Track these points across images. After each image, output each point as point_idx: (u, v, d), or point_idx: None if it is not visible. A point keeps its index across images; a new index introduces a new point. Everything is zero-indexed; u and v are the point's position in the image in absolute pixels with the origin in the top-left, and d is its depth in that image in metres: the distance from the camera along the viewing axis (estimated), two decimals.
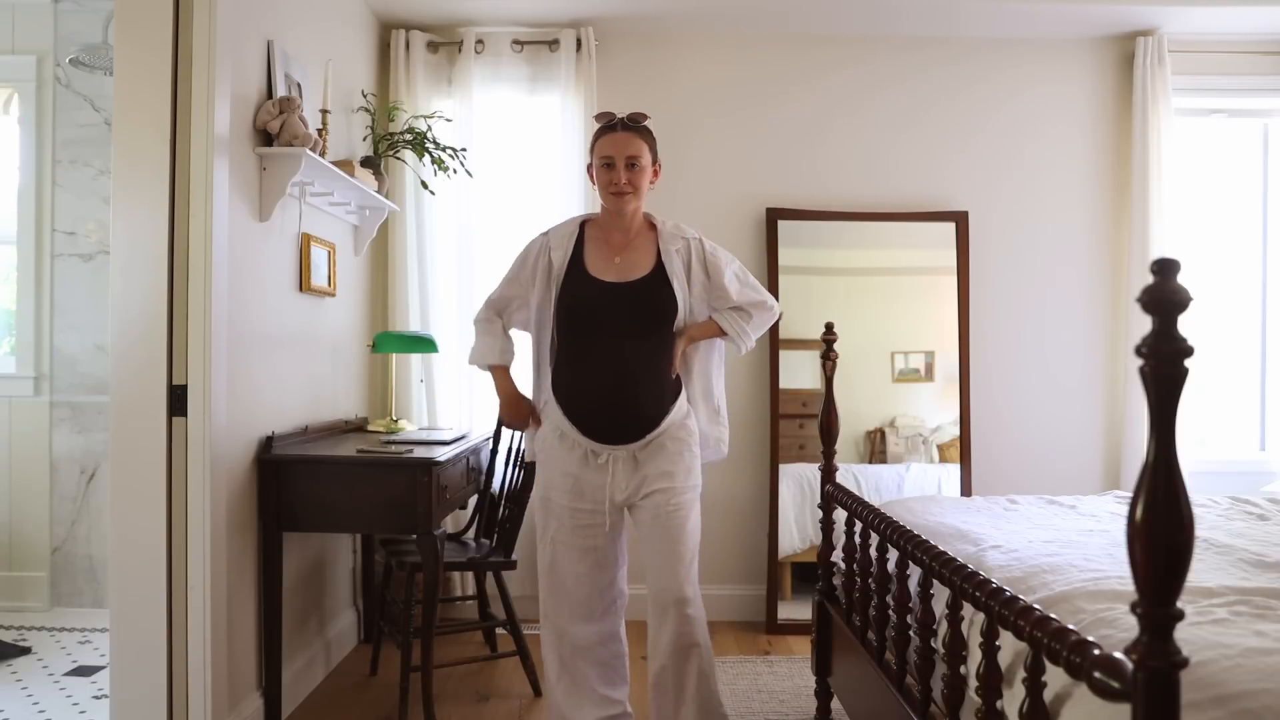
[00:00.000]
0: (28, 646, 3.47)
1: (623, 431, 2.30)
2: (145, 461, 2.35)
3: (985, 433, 3.95)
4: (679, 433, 2.35)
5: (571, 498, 2.33)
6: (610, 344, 2.30)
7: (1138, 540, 0.95)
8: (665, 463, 2.32)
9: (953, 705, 1.70)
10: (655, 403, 2.32)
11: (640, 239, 2.39)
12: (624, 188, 2.30)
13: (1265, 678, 1.24)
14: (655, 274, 2.34)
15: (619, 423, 2.30)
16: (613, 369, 2.29)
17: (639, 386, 2.30)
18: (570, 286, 2.34)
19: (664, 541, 2.30)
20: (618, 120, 2.34)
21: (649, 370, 2.31)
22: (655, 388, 2.32)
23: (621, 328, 2.30)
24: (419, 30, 3.86)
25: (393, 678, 3.16)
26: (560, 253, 2.37)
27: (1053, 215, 4.02)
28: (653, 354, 2.33)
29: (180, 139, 2.37)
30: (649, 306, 2.32)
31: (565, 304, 2.33)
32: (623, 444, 2.30)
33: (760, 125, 4.00)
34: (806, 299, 3.87)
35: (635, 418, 2.30)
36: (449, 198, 3.81)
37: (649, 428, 2.30)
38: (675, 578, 2.29)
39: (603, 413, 2.30)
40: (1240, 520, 2.41)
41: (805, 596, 3.73)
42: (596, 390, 2.30)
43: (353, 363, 3.66)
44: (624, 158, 2.29)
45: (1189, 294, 0.92)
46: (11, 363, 3.96)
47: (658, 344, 2.34)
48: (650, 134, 2.37)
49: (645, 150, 2.33)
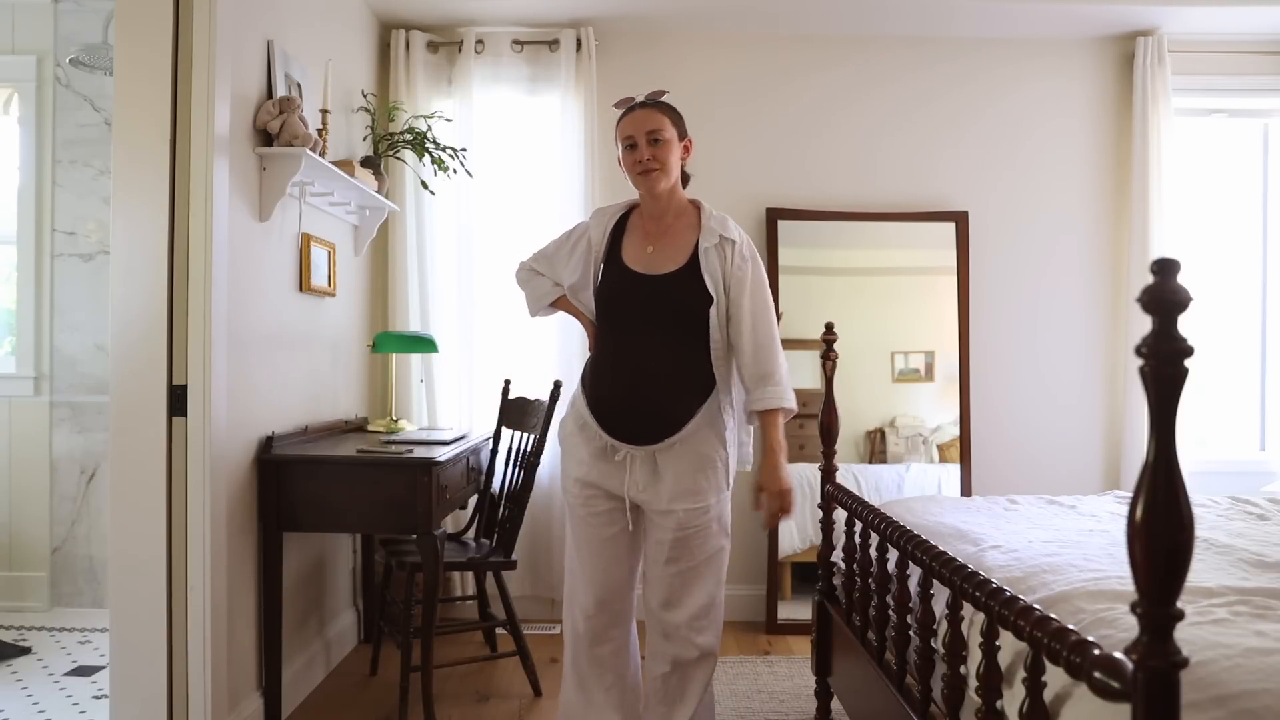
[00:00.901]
0: (28, 646, 3.47)
1: (639, 431, 2.17)
2: (145, 461, 2.35)
3: (985, 433, 3.95)
4: (705, 444, 2.18)
5: (586, 487, 2.23)
6: (634, 338, 2.18)
7: (1138, 540, 0.95)
8: (690, 477, 2.16)
9: (953, 705, 1.70)
10: (675, 404, 2.16)
11: (680, 226, 2.24)
12: (649, 164, 2.16)
13: (1265, 678, 1.24)
14: (688, 268, 2.17)
15: (635, 422, 2.17)
16: (633, 365, 2.18)
17: (658, 386, 2.16)
18: (605, 274, 2.23)
19: (681, 573, 2.19)
20: (636, 102, 2.26)
21: (672, 370, 2.17)
22: (677, 389, 2.17)
23: (646, 322, 2.17)
24: (419, 30, 3.86)
25: (393, 678, 3.16)
26: (599, 234, 2.26)
27: (1053, 215, 4.02)
28: (678, 353, 2.17)
29: (180, 139, 2.37)
30: (674, 303, 2.17)
31: (599, 293, 2.24)
32: (640, 444, 2.17)
33: (760, 125, 4.00)
34: (806, 299, 3.87)
35: (652, 418, 2.16)
36: (449, 198, 3.81)
37: (668, 431, 2.15)
38: (685, 615, 2.20)
39: (619, 409, 2.18)
40: (1240, 520, 2.41)
41: (805, 596, 3.74)
42: (616, 385, 2.20)
43: (353, 363, 3.66)
44: (644, 134, 2.17)
45: (1189, 294, 0.92)
46: (11, 363, 3.96)
47: (684, 342, 2.17)
48: (672, 109, 2.24)
49: (667, 124, 2.19)
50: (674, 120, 2.24)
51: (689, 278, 2.17)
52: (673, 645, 2.24)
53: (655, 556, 2.23)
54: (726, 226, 2.21)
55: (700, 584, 2.21)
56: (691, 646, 2.22)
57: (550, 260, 2.38)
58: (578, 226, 2.37)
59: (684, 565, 2.19)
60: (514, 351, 3.90)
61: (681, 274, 2.17)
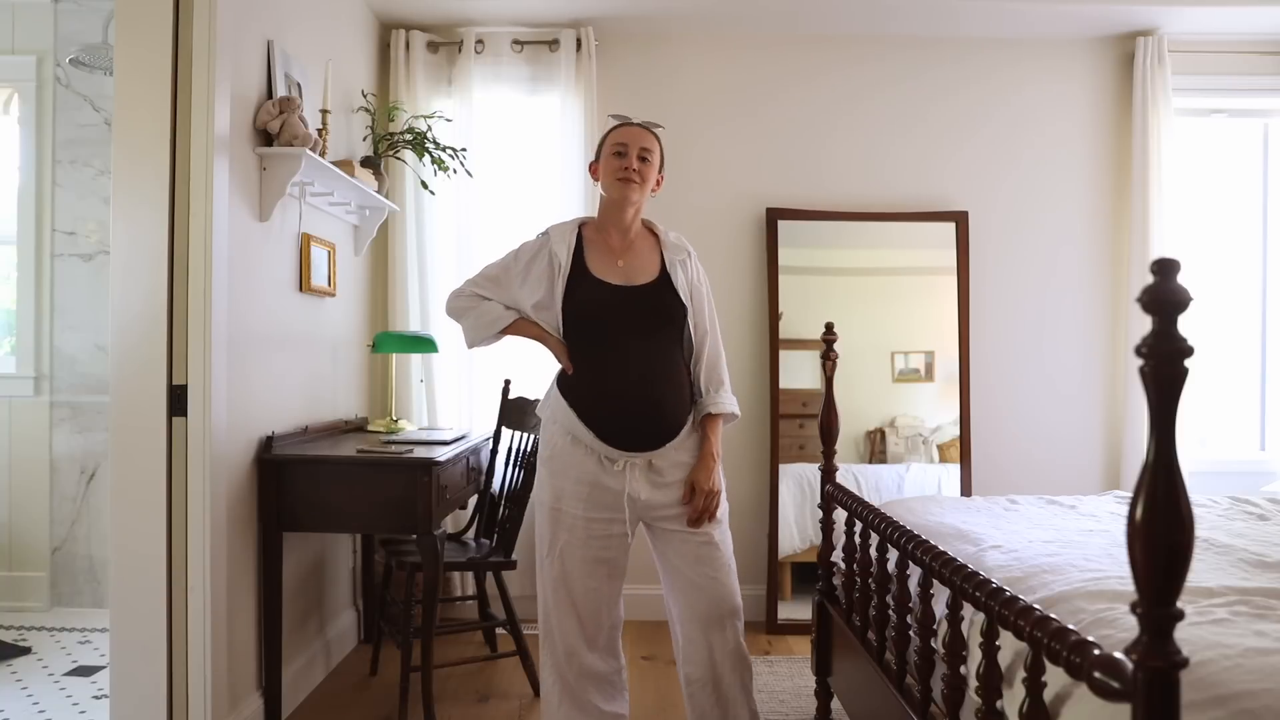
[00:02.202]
0: (28, 646, 3.47)
1: (644, 438, 2.21)
2: (145, 461, 2.35)
3: (985, 433, 3.95)
4: (695, 442, 2.30)
5: (587, 506, 2.23)
6: (624, 349, 2.22)
7: (1138, 540, 0.95)
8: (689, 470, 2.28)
9: (953, 705, 1.70)
10: (676, 407, 2.25)
11: (641, 243, 2.34)
12: (633, 175, 2.25)
13: (1265, 677, 1.24)
14: (661, 280, 2.28)
15: (640, 428, 2.21)
16: (632, 374, 2.21)
17: (661, 391, 2.23)
18: (575, 290, 2.25)
19: (711, 553, 2.26)
20: (637, 121, 2.35)
21: (667, 374, 2.25)
22: (675, 392, 2.26)
23: (635, 332, 2.23)
24: (419, 30, 3.86)
25: (393, 678, 3.16)
26: (564, 250, 2.28)
27: (1053, 215, 4.02)
28: (668, 358, 2.26)
29: (180, 139, 2.37)
30: (660, 311, 2.25)
31: (572, 308, 2.25)
32: (641, 450, 2.21)
33: (760, 125, 4.00)
34: (806, 299, 3.87)
35: (657, 423, 2.22)
36: (449, 198, 3.81)
37: (670, 434, 2.23)
38: (729, 589, 2.27)
39: (623, 418, 2.21)
40: (1240, 520, 2.41)
41: (805, 596, 3.73)
42: (617, 395, 2.21)
43: (353, 363, 3.66)
44: (637, 148, 2.27)
45: (1189, 294, 0.92)
46: (12, 363, 3.96)
47: (671, 349, 2.28)
48: (660, 141, 2.36)
49: (656, 148, 2.31)
50: (661, 152, 2.36)
51: (664, 289, 2.28)
52: (724, 631, 2.28)
53: (679, 552, 2.28)
54: (683, 242, 2.37)
55: (729, 551, 2.32)
56: (738, 614, 2.30)
57: (498, 282, 2.35)
58: (526, 245, 2.35)
59: (716, 545, 2.28)
60: (514, 351, 3.87)
61: (658, 285, 2.28)
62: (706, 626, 2.27)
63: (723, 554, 2.29)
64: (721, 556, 2.28)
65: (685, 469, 2.27)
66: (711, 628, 2.27)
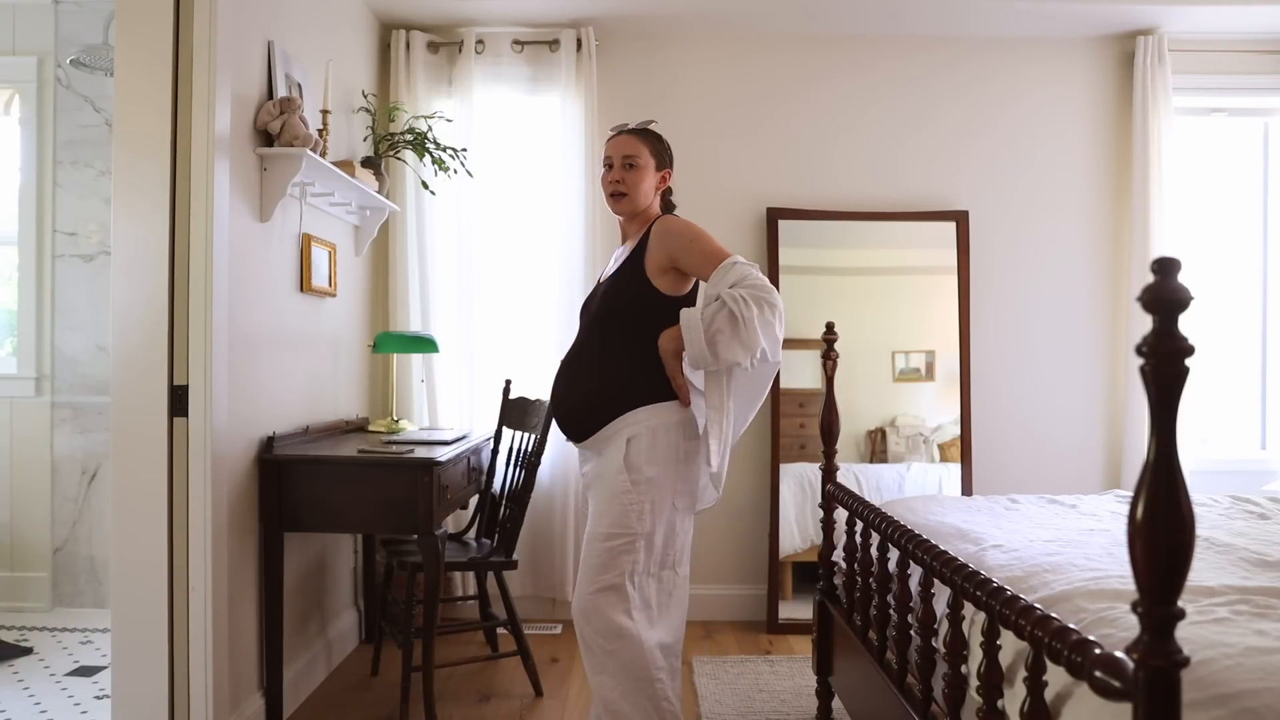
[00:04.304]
0: (29, 647, 3.47)
1: (562, 423, 2.31)
2: (146, 462, 2.35)
3: (986, 432, 3.95)
4: (622, 461, 2.14)
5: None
6: (574, 343, 2.35)
7: (1138, 539, 0.95)
8: (598, 498, 2.22)
9: (954, 704, 1.70)
10: (585, 404, 2.23)
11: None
12: (616, 187, 2.28)
13: (1266, 676, 1.24)
14: (621, 269, 2.27)
15: (557, 413, 2.32)
16: (562, 365, 2.34)
17: (570, 383, 2.28)
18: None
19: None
20: (626, 127, 2.35)
21: (584, 369, 2.26)
22: (587, 388, 2.24)
23: (584, 327, 2.32)
24: (419, 30, 3.86)
25: (394, 678, 3.16)
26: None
27: (1053, 214, 4.02)
28: (594, 352, 2.25)
29: (181, 139, 2.37)
30: (601, 303, 2.28)
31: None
32: (570, 440, 2.32)
33: (760, 124, 4.00)
34: (807, 299, 3.87)
35: (565, 415, 2.29)
36: (449, 198, 3.81)
37: (583, 431, 2.25)
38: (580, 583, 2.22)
39: (551, 402, 2.36)
40: (1241, 519, 2.41)
41: (806, 596, 3.74)
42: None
43: (353, 363, 3.66)
44: (621, 157, 2.28)
45: (1189, 293, 0.92)
46: (13, 363, 3.97)
47: (605, 343, 2.24)
48: (656, 138, 2.34)
49: (644, 150, 2.29)
50: (654, 150, 2.33)
51: (614, 281, 2.32)
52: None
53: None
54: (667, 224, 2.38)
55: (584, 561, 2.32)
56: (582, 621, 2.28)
57: None
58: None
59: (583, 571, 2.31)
60: (515, 351, 3.90)
61: (614, 276, 2.33)
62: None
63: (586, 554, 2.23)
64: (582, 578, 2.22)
65: (601, 490, 2.19)
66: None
